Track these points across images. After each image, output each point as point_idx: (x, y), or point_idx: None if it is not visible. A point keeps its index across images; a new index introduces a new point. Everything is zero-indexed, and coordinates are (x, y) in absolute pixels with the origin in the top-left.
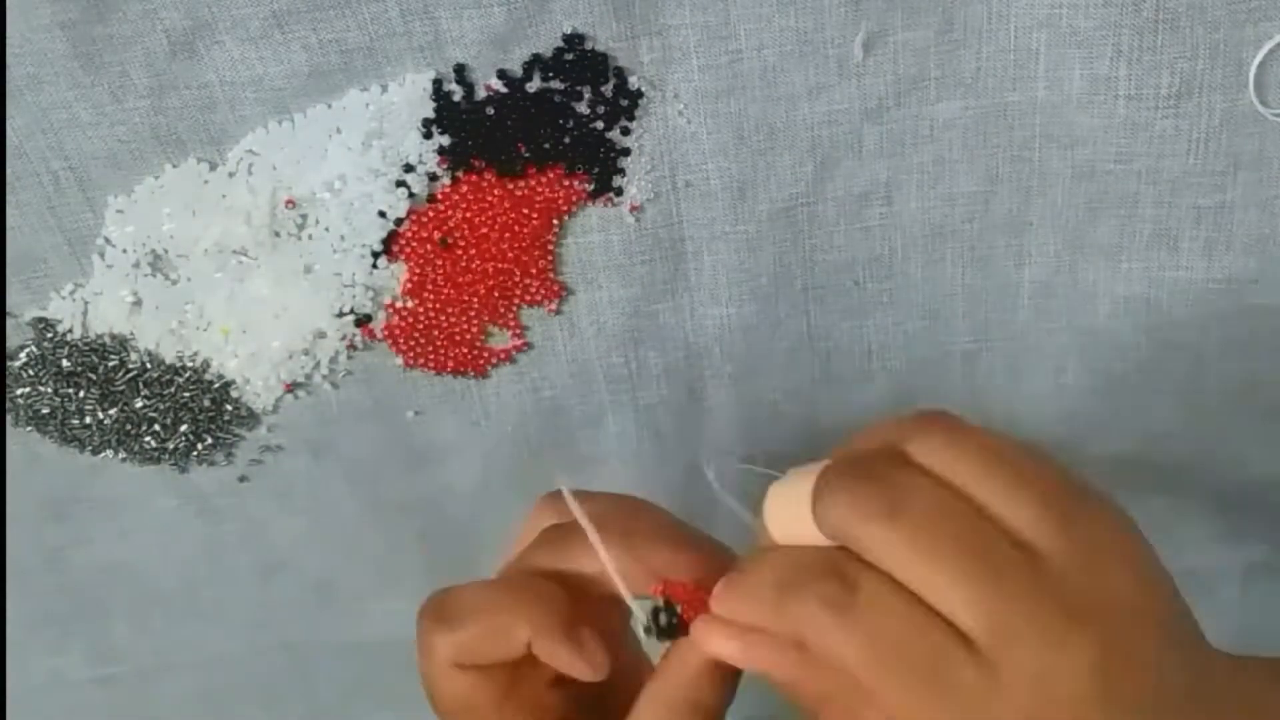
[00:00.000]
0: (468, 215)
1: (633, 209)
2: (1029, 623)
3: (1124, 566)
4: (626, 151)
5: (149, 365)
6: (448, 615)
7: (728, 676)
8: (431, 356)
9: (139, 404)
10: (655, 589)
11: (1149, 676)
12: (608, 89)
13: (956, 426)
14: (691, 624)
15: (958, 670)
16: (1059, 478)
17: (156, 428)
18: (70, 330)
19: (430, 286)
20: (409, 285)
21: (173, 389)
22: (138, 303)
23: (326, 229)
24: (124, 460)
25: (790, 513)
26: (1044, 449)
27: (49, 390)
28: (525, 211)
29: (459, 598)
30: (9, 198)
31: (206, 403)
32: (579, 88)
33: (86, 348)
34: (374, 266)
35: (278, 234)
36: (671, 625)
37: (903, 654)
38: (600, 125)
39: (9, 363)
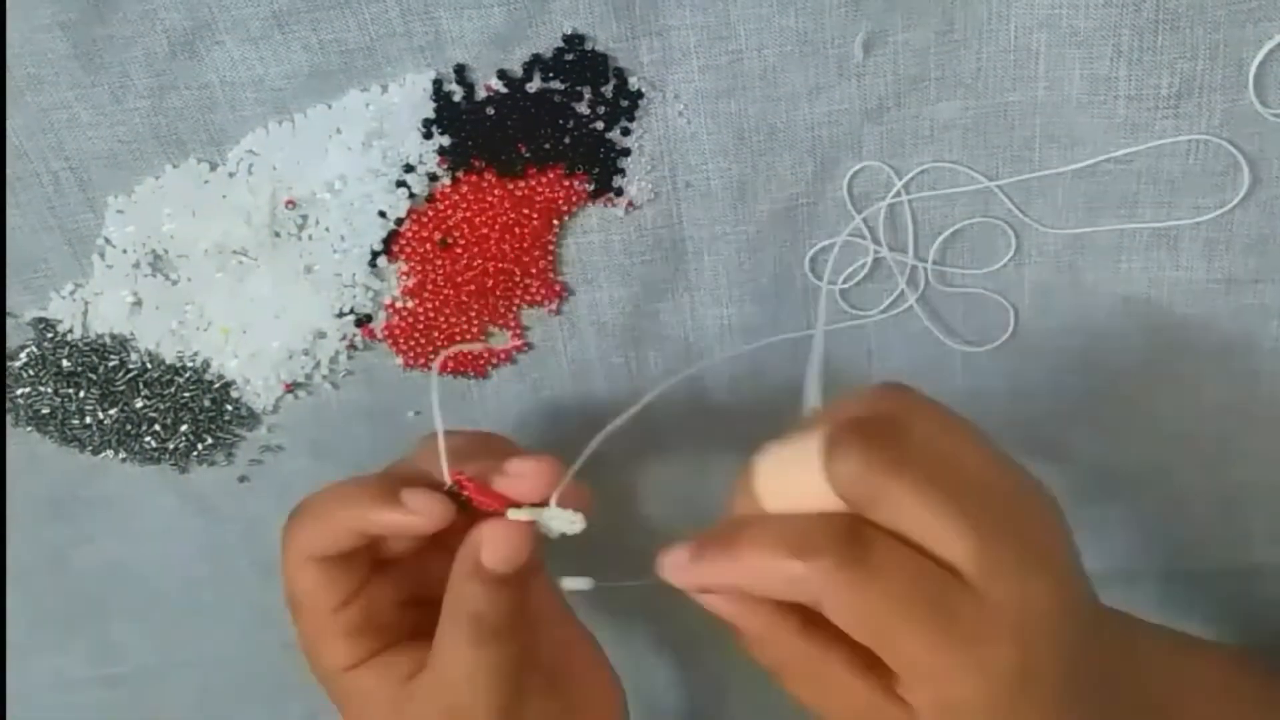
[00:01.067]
0: (467, 215)
1: (632, 209)
2: (1008, 553)
3: (1051, 516)
4: (626, 152)
5: (149, 365)
6: (297, 512)
7: (501, 588)
8: (431, 356)
9: (139, 404)
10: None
11: (1085, 603)
12: (608, 89)
13: (936, 404)
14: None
15: (959, 606)
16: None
17: (157, 428)
18: (70, 330)
19: (430, 287)
20: (409, 285)
21: (173, 389)
22: (138, 303)
23: (327, 229)
24: (124, 460)
25: (784, 481)
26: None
27: (49, 390)
28: (525, 212)
29: (309, 498)
30: (9, 198)
31: (207, 403)
32: (579, 88)
33: (87, 348)
34: (374, 266)
35: (278, 234)
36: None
37: (917, 602)
38: (600, 125)
39: (9, 363)
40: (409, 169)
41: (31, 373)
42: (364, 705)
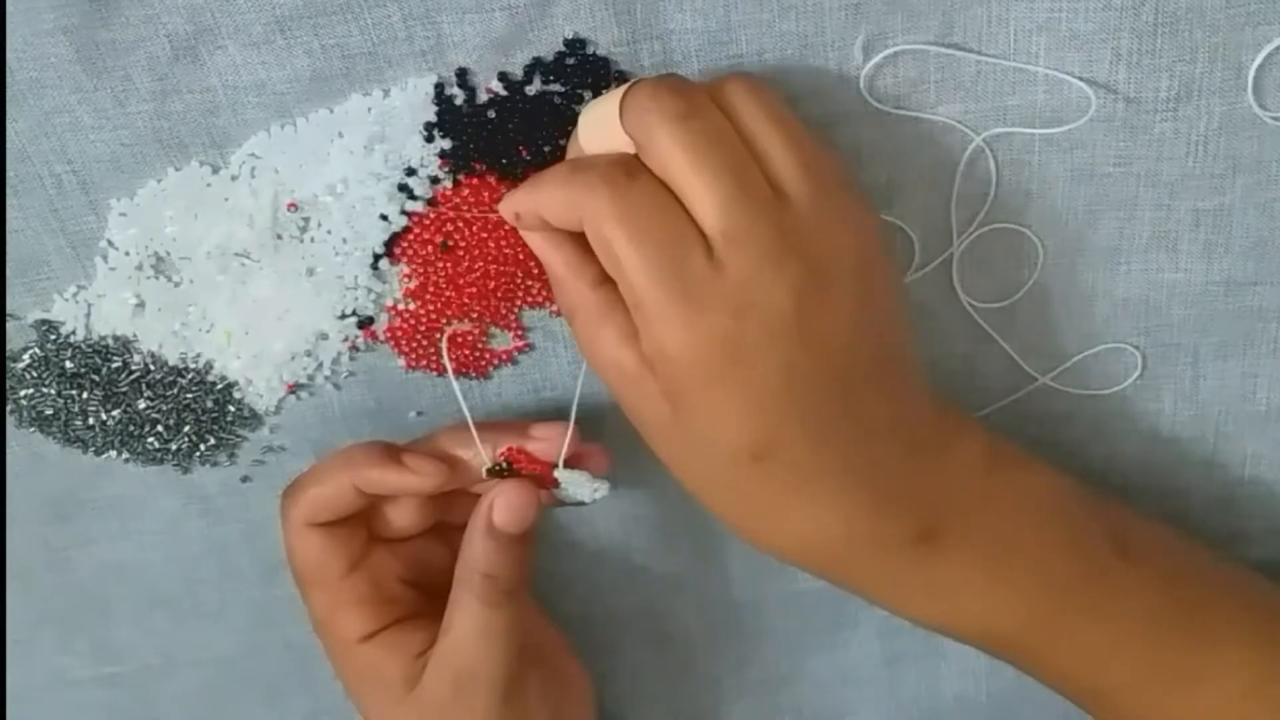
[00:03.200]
0: (469, 218)
1: None
2: (754, 237)
3: (852, 233)
4: None
5: (152, 367)
6: (297, 481)
7: (512, 547)
8: (433, 358)
9: (142, 405)
10: (500, 453)
11: (838, 333)
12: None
13: (762, 85)
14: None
15: (692, 257)
16: (834, 159)
17: (159, 429)
18: (73, 332)
19: (432, 289)
20: (411, 288)
21: (175, 390)
22: (140, 305)
23: (329, 232)
24: (127, 461)
25: (597, 128)
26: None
27: (52, 391)
28: None
29: (309, 469)
30: (12, 201)
31: (209, 404)
32: (580, 91)
33: (90, 349)
34: (376, 269)
35: (280, 237)
36: (505, 469)
37: (652, 234)
38: None
39: (12, 364)
40: (410, 172)
41: (35, 374)
42: (376, 681)
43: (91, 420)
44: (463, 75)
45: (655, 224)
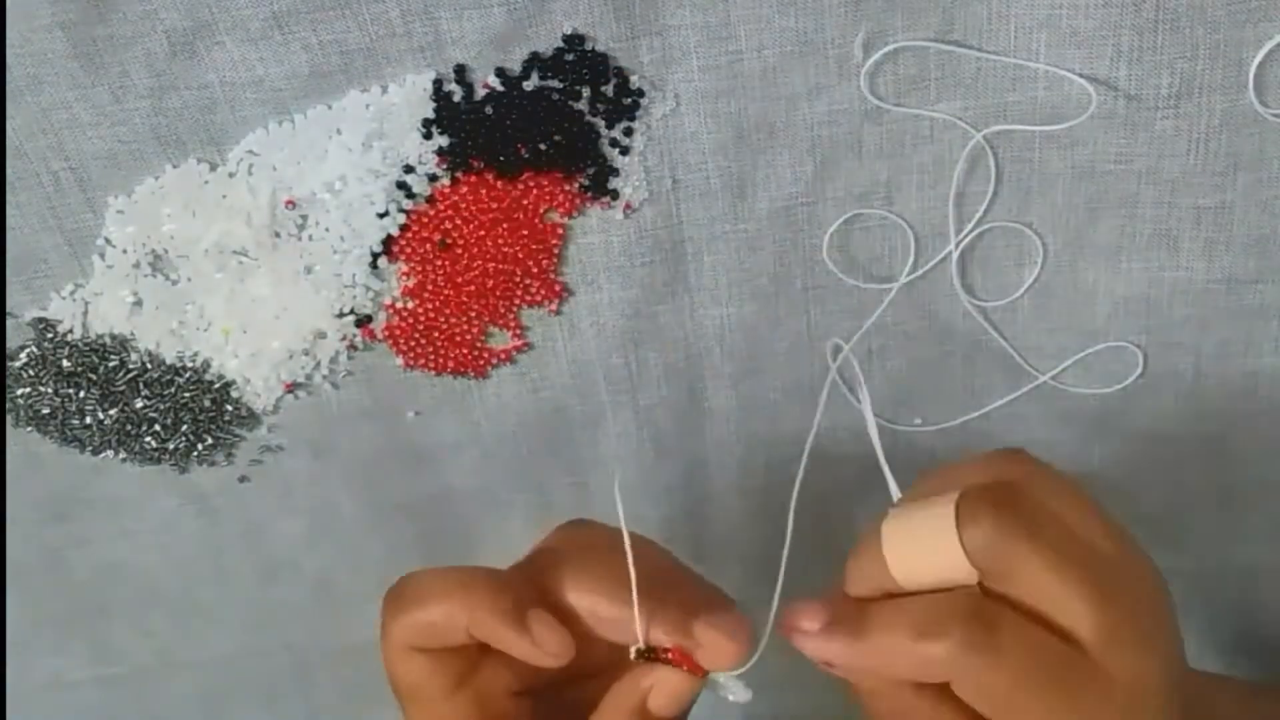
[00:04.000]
0: (467, 216)
1: (631, 210)
2: (1128, 630)
3: (1167, 620)
4: (626, 151)
5: (149, 365)
6: (403, 597)
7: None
8: (431, 357)
9: (139, 404)
10: (663, 652)
11: (1187, 677)
12: (608, 89)
13: (1050, 468)
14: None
15: (1082, 679)
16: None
17: (157, 428)
18: (70, 330)
19: (430, 287)
20: (409, 286)
21: (173, 389)
22: (138, 303)
23: (327, 229)
24: (124, 460)
25: (914, 547)
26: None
27: (49, 390)
28: (524, 212)
29: (417, 580)
30: (9, 198)
31: (207, 403)
32: (577, 87)
33: (87, 348)
34: (374, 267)
35: (278, 234)
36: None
37: (1043, 679)
38: (600, 125)
39: (9, 363)
40: (409, 169)
41: (32, 373)
42: None
43: (89, 419)
44: (461, 71)
45: (1042, 665)
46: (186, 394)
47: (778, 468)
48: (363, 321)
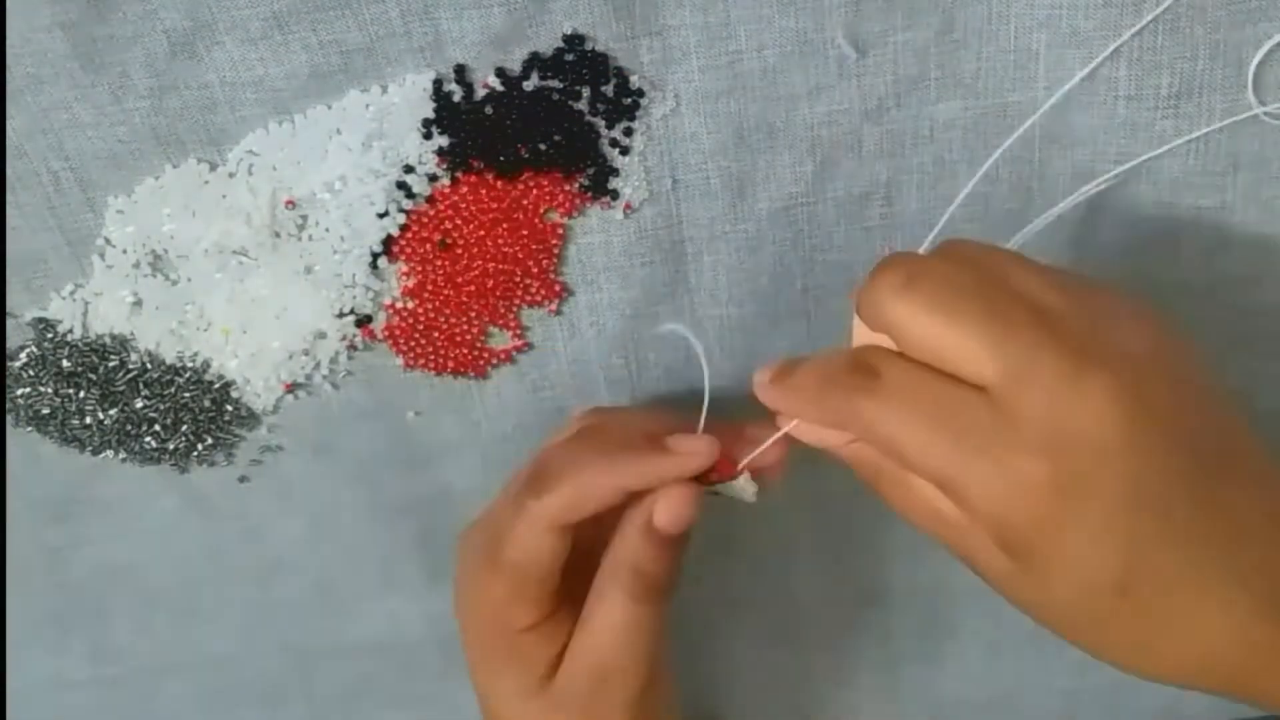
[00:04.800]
0: (467, 216)
1: (631, 210)
2: (1038, 364)
3: (1138, 326)
4: (626, 151)
5: (149, 365)
6: (551, 474)
7: (669, 546)
8: (431, 357)
9: (139, 404)
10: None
11: (1172, 431)
12: (609, 89)
13: (979, 244)
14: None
15: (976, 416)
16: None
17: (157, 428)
18: (70, 330)
19: (430, 287)
20: (409, 286)
21: (173, 389)
22: (138, 303)
23: (326, 230)
24: (124, 460)
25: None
26: None
27: (49, 390)
28: (524, 212)
29: (556, 464)
30: (9, 198)
31: (207, 403)
32: (577, 87)
33: (87, 348)
34: (374, 267)
35: (278, 234)
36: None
37: (927, 417)
38: (601, 125)
39: (9, 363)
40: (409, 170)
41: (32, 373)
42: (521, 670)
43: (89, 419)
44: (461, 71)
45: (924, 406)
46: (186, 394)
47: None
48: (363, 321)
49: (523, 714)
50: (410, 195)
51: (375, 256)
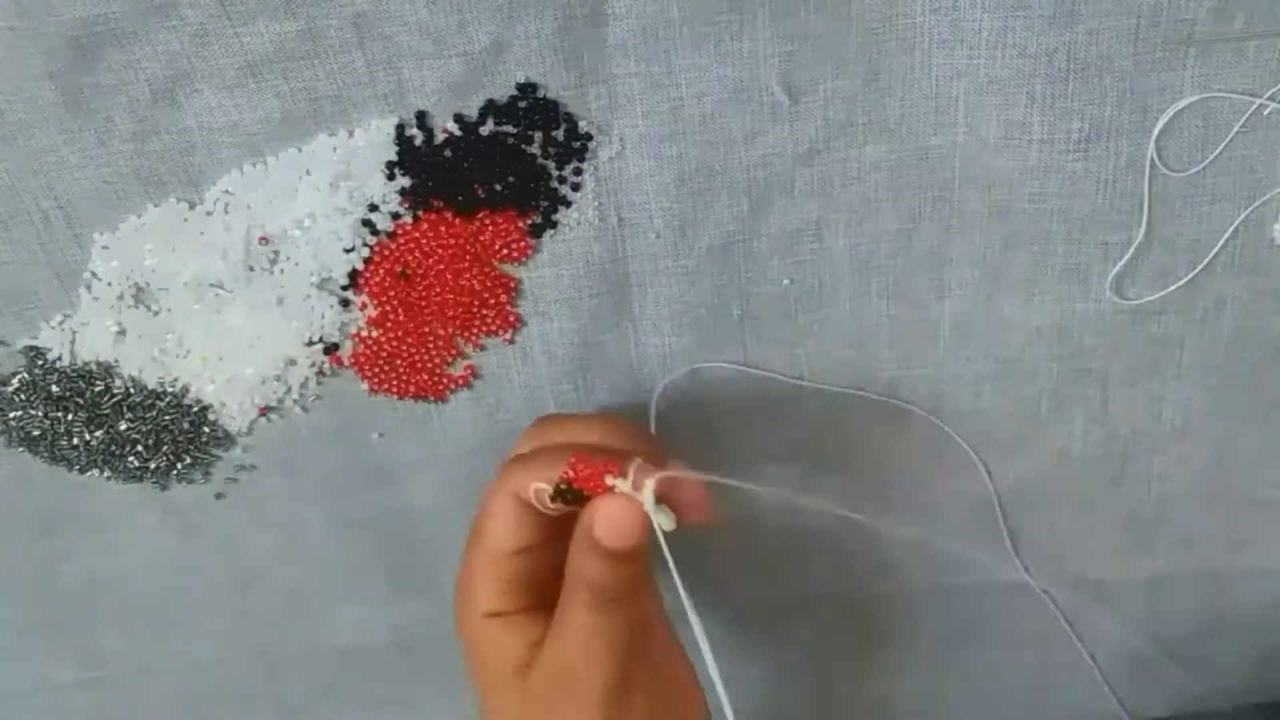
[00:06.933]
0: (427, 251)
1: (579, 246)
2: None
3: None
4: (577, 188)
5: (132, 390)
6: (527, 454)
7: (616, 561)
8: (394, 382)
9: (123, 426)
10: (560, 474)
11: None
12: (559, 134)
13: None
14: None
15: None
16: None
17: (139, 448)
18: (59, 358)
19: (393, 318)
20: (373, 316)
21: (154, 412)
22: (122, 332)
23: (297, 264)
24: (109, 479)
25: None
26: None
27: (39, 413)
28: (480, 248)
29: (530, 448)
30: (2, 234)
31: (186, 425)
32: (530, 132)
33: (74, 374)
34: (341, 298)
35: (252, 268)
36: (570, 494)
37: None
38: (552, 167)
39: (2, 388)
40: (373, 208)
41: (23, 397)
42: (492, 655)
43: (76, 440)
44: (422, 117)
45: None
46: (167, 417)
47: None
48: (330, 349)
49: (499, 697)
50: (374, 232)
51: (342, 289)
